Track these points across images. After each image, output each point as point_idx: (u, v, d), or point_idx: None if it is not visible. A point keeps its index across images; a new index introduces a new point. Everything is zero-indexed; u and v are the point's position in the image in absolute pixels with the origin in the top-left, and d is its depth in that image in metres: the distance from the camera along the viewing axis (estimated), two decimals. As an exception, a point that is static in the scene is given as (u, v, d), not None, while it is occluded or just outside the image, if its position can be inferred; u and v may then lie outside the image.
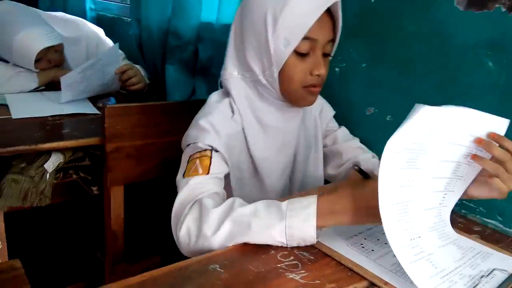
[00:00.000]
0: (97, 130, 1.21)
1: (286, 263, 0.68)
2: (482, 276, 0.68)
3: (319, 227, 0.71)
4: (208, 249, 0.72)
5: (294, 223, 0.70)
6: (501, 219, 0.88)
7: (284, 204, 0.74)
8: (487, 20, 0.86)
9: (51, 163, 1.15)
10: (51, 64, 1.60)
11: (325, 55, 0.89)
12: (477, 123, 0.69)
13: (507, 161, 0.69)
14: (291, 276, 0.65)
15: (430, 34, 0.95)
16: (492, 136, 0.70)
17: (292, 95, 0.90)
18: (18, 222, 1.51)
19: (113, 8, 2.27)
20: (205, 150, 0.86)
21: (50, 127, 1.26)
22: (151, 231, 1.47)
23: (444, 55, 0.93)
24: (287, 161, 0.99)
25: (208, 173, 0.83)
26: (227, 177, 0.91)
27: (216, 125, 0.89)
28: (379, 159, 0.61)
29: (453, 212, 0.77)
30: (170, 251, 0.87)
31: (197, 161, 0.85)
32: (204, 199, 0.77)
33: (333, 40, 0.89)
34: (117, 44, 1.54)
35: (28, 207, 1.16)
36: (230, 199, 0.78)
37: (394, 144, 0.61)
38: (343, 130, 1.10)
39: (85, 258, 1.56)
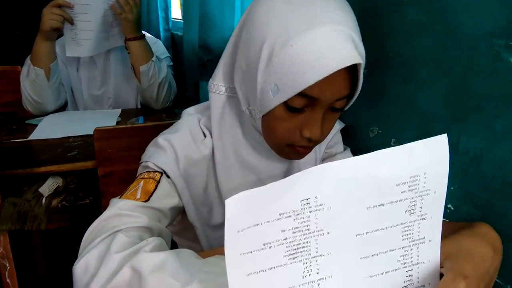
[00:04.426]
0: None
1: None
2: None
3: None
4: None
5: None
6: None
7: (201, 263, 0.55)
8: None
9: (47, 187, 1.13)
10: None
11: (334, 109, 0.65)
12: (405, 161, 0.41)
13: None
14: None
15: (433, 22, 0.66)
16: None
17: (274, 147, 0.71)
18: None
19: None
20: (155, 172, 0.71)
21: (62, 149, 1.25)
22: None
23: (450, 51, 0.63)
24: None
25: (147, 200, 0.66)
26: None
27: (177, 146, 0.73)
28: None
29: None
30: None
31: (141, 182, 0.69)
32: (119, 235, 0.58)
33: (348, 97, 0.63)
34: None
35: (28, 229, 1.16)
36: (149, 240, 0.58)
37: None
38: (347, 155, 0.84)
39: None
